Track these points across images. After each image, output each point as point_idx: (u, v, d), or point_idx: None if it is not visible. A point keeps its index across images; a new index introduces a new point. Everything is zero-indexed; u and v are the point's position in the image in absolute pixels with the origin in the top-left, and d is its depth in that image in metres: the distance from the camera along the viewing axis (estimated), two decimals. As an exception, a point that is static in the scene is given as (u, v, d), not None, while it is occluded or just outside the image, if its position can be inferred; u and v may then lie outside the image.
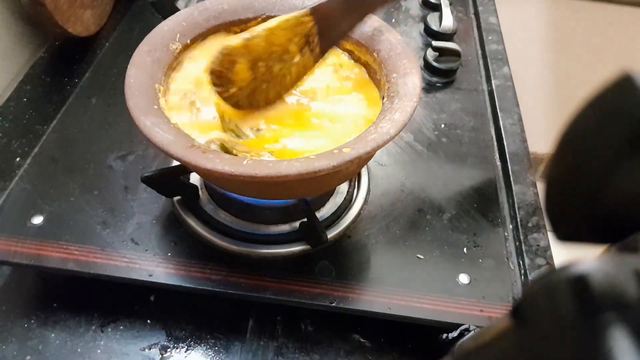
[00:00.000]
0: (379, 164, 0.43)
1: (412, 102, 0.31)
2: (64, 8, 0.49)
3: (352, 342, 0.35)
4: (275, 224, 0.37)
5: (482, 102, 0.51)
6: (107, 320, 0.35)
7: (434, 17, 0.59)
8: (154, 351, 0.34)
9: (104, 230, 0.36)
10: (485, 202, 0.41)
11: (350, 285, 0.34)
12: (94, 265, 0.34)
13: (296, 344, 0.35)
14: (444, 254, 0.37)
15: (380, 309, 0.33)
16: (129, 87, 0.31)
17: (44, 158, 0.41)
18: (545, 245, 0.40)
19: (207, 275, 0.34)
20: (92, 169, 0.41)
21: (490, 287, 0.35)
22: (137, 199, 0.39)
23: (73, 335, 0.34)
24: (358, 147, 0.28)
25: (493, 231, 0.39)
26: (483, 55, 0.58)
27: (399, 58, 0.34)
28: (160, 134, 0.28)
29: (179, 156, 0.28)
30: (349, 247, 0.37)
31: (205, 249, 0.36)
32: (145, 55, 0.34)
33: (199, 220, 0.37)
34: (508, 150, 0.46)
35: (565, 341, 0.11)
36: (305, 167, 0.27)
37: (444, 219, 0.39)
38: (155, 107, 0.31)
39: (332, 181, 0.35)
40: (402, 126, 0.29)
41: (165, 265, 0.35)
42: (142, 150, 0.42)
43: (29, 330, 0.35)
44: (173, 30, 0.36)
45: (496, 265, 0.37)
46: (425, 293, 0.34)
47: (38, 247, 0.35)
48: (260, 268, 0.35)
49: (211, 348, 0.34)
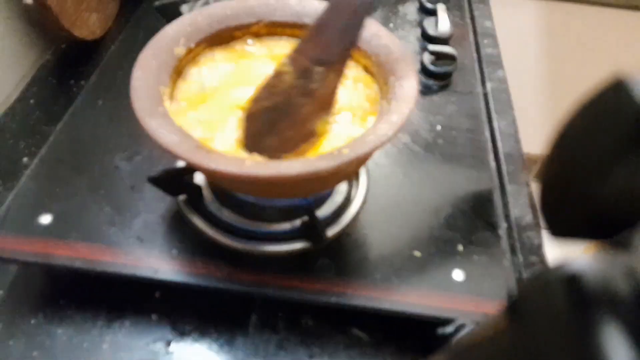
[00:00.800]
0: (378, 165, 0.44)
1: (409, 104, 0.31)
2: (70, 12, 0.49)
3: (351, 336, 0.36)
4: (277, 222, 0.38)
5: (477, 104, 0.52)
6: (113, 316, 0.36)
7: (430, 22, 0.60)
8: (159, 345, 0.35)
9: (111, 229, 0.37)
10: (480, 202, 0.42)
11: (349, 282, 0.35)
12: (101, 262, 0.35)
13: (297, 338, 0.36)
14: (440, 252, 0.38)
15: (378, 304, 0.34)
16: (135, 90, 0.31)
17: (51, 158, 0.42)
18: (538, 243, 0.41)
19: (211, 272, 0.35)
20: (98, 169, 0.41)
21: (485, 284, 0.36)
22: (143, 198, 0.39)
23: (79, 331, 0.35)
24: (357, 148, 0.29)
25: (488, 229, 0.40)
26: (478, 59, 0.59)
27: (397, 62, 0.35)
28: (166, 135, 0.29)
29: (185, 157, 0.28)
30: (348, 244, 0.38)
31: (209, 246, 0.36)
32: (151, 59, 0.34)
33: (203, 219, 0.38)
34: (502, 151, 0.47)
35: (559, 338, 0.12)
36: (305, 168, 0.28)
37: (440, 218, 0.40)
38: (160, 109, 0.32)
39: (332, 181, 0.35)
40: (399, 128, 0.30)
41: (170, 263, 0.35)
42: (147, 151, 0.43)
43: (36, 327, 0.35)
44: (177, 34, 0.37)
45: (491, 262, 0.38)
46: (421, 289, 0.35)
47: (45, 246, 0.35)
48: (262, 265, 0.36)
49: (215, 342, 0.35)
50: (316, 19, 0.33)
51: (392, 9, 0.65)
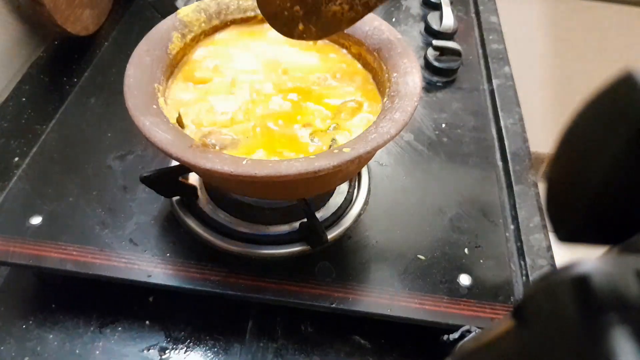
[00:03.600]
0: (380, 164, 0.43)
1: (412, 101, 0.30)
2: (63, 7, 0.48)
3: (352, 343, 0.35)
4: (275, 224, 0.37)
5: (483, 101, 0.51)
6: (105, 321, 0.35)
7: (434, 17, 0.59)
8: (152, 352, 0.34)
9: (103, 231, 0.36)
10: (486, 203, 0.41)
11: (350, 286, 0.34)
12: (93, 265, 0.34)
13: (296, 345, 0.35)
14: (444, 255, 0.37)
15: (381, 310, 0.33)
16: (128, 87, 0.31)
17: (43, 158, 0.41)
18: (546, 246, 0.39)
19: (206, 276, 0.34)
20: (91, 169, 0.40)
21: (492, 288, 0.35)
22: (136, 199, 0.38)
23: (71, 337, 0.34)
24: (358, 147, 0.28)
25: (494, 232, 0.39)
26: (484, 55, 0.57)
27: (400, 57, 0.34)
28: (159, 134, 0.28)
29: (178, 156, 0.27)
30: (349, 247, 0.37)
31: (205, 249, 0.35)
32: (145, 55, 0.33)
33: (198, 221, 0.37)
34: (509, 150, 0.46)
35: (566, 342, 0.11)
36: (305, 167, 0.27)
37: (444, 220, 0.39)
38: (154, 106, 0.31)
39: (332, 181, 0.34)
40: (403, 126, 0.29)
41: (164, 266, 0.34)
42: (141, 150, 0.42)
43: (27, 331, 0.34)
44: (172, 30, 0.36)
45: (497, 265, 0.37)
46: (426, 294, 0.34)
47: (36, 248, 0.35)
48: (259, 269, 0.35)
49: (210, 349, 0.34)
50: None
51: (395, 2, 0.63)
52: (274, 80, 0.36)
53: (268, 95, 0.35)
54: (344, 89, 0.36)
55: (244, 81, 0.36)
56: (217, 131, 0.32)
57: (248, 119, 0.33)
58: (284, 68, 0.37)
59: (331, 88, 0.36)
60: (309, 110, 0.34)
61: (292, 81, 0.36)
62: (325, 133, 0.33)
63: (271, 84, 0.36)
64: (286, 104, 0.35)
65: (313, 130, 0.33)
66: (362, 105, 0.35)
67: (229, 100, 0.34)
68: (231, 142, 0.32)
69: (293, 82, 0.36)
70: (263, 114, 0.34)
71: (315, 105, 0.35)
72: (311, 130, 0.33)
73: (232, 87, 0.35)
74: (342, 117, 0.34)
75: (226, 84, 0.36)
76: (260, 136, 0.32)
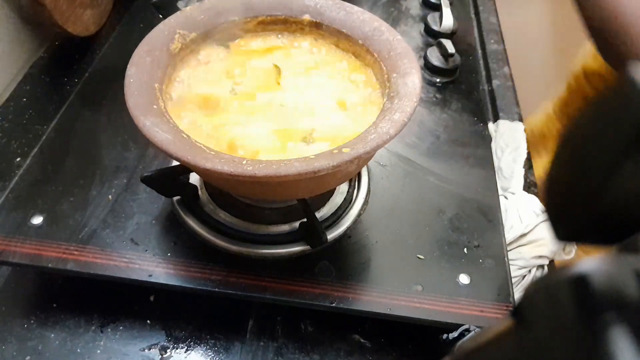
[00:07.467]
0: (379, 164, 0.43)
1: (412, 102, 0.30)
2: (64, 8, 0.48)
3: (352, 342, 0.35)
4: (275, 224, 0.37)
5: (482, 101, 0.51)
6: (106, 320, 0.35)
7: (434, 17, 0.59)
8: (153, 351, 0.34)
9: (104, 231, 0.36)
10: (485, 202, 0.41)
11: (350, 286, 0.34)
12: (94, 265, 0.34)
13: (296, 344, 0.35)
14: (444, 254, 0.37)
15: (381, 309, 0.33)
16: (129, 87, 0.31)
17: (44, 158, 0.41)
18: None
19: (207, 276, 0.34)
20: (91, 169, 0.40)
21: (491, 288, 0.35)
22: (136, 199, 0.38)
23: (73, 336, 0.34)
24: (358, 147, 0.28)
25: (493, 231, 0.39)
26: (483, 55, 0.58)
27: (399, 58, 0.34)
28: (160, 134, 0.28)
29: (178, 156, 0.27)
30: (349, 247, 0.37)
31: (205, 249, 0.36)
32: (145, 55, 0.33)
33: (198, 220, 0.37)
34: (508, 150, 0.46)
35: (565, 341, 0.11)
36: (304, 167, 0.27)
37: (444, 219, 0.39)
38: (154, 106, 0.31)
39: (332, 181, 0.34)
40: (402, 126, 0.29)
41: (164, 266, 0.34)
42: (141, 150, 0.42)
43: (29, 331, 0.34)
44: (173, 30, 0.36)
45: (496, 265, 0.37)
46: (425, 293, 0.34)
47: (37, 247, 0.35)
48: (260, 268, 0.35)
49: (211, 348, 0.34)
50: None
51: (395, 3, 0.63)
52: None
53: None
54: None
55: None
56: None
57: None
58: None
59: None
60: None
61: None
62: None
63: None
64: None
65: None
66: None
67: None
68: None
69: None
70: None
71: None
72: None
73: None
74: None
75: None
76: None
